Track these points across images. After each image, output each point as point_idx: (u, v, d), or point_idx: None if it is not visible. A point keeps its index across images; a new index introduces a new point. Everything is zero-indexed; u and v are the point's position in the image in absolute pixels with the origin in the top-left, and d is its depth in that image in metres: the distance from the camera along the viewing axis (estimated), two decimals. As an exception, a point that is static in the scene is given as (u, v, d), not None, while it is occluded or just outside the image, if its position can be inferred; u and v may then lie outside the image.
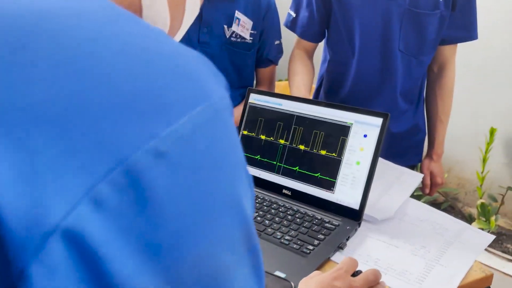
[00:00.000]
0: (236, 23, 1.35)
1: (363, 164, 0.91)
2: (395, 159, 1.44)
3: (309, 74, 1.37)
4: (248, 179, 0.30)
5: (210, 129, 0.25)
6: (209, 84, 0.27)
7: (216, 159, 0.26)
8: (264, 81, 1.54)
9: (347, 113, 0.95)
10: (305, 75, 1.35)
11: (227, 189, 0.27)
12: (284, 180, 1.01)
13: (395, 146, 1.43)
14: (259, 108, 1.08)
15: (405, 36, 1.27)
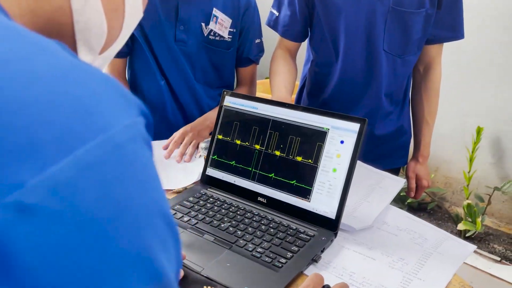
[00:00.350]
0: (214, 21, 1.30)
1: (340, 172, 0.87)
2: (380, 162, 1.40)
3: (291, 74, 1.33)
4: (169, 226, 0.25)
5: (104, 170, 0.21)
6: (107, 113, 0.22)
7: (111, 207, 0.21)
8: (245, 81, 1.50)
9: (323, 118, 0.91)
10: (286, 75, 1.31)
11: (128, 243, 0.22)
12: (260, 187, 0.97)
13: (380, 149, 1.39)
14: (234, 111, 1.04)
15: (389, 36, 1.23)
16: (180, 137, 1.25)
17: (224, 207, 0.95)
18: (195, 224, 0.90)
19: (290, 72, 1.35)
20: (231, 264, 0.78)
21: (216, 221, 0.90)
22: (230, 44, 1.37)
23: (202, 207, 0.96)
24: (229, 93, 1.05)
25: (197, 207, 0.95)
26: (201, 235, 0.86)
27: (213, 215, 0.93)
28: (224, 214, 0.93)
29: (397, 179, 1.10)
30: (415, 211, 2.46)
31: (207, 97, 1.42)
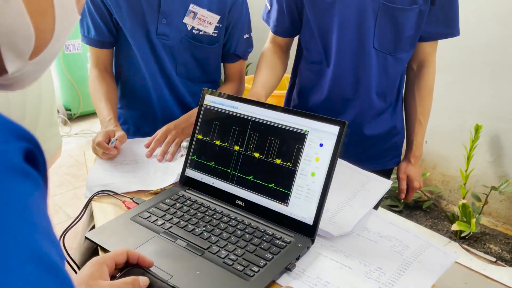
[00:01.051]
0: (191, 16, 1.26)
1: (318, 176, 0.84)
2: (372, 163, 1.36)
3: (273, 71, 1.30)
4: (48, 270, 0.22)
5: None
6: None
7: None
8: (232, 77, 1.46)
9: (303, 120, 0.87)
10: (269, 74, 1.28)
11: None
12: (238, 190, 0.94)
13: (372, 149, 1.36)
14: (214, 110, 1.00)
15: (380, 33, 1.19)
16: (162, 135, 1.22)
17: (201, 211, 0.93)
18: (169, 228, 0.87)
19: (274, 69, 1.31)
20: (201, 272, 0.75)
21: (191, 225, 0.87)
22: (215, 40, 1.34)
23: (178, 210, 0.93)
24: (209, 91, 1.02)
25: (172, 210, 0.92)
26: (174, 240, 0.83)
27: (188, 218, 0.90)
28: (199, 218, 0.90)
29: (384, 181, 1.07)
30: (411, 210, 2.42)
31: (189, 93, 1.39)
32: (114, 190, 1.01)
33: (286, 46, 1.38)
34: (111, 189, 1.01)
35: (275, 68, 1.32)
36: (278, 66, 1.33)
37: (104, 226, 0.88)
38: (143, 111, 1.39)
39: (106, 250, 0.81)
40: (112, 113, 1.24)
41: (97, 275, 0.66)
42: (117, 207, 0.98)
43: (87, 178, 1.05)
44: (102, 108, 1.25)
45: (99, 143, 1.10)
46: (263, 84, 1.25)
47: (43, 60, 0.42)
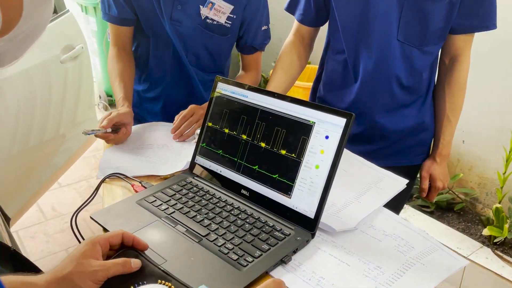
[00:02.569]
0: (209, 7, 1.25)
1: (322, 169, 0.82)
2: (397, 158, 1.32)
3: (288, 73, 1.32)
4: None
5: None
6: None
7: None
8: (249, 67, 1.45)
9: (310, 111, 0.85)
10: (282, 77, 1.30)
11: None
12: (244, 180, 0.93)
13: (397, 144, 1.31)
14: (225, 99, 0.99)
15: (405, 25, 1.14)
16: (189, 113, 1.22)
17: (205, 198, 0.92)
18: (171, 213, 0.87)
19: (289, 70, 1.33)
20: (196, 258, 0.75)
21: (193, 212, 0.87)
22: (228, 31, 1.32)
23: (183, 196, 0.93)
24: (222, 79, 1.01)
25: (178, 196, 0.93)
26: (174, 226, 0.83)
27: (191, 205, 0.90)
28: (203, 205, 0.90)
29: (398, 180, 1.03)
30: (443, 211, 2.33)
31: (200, 82, 1.39)
32: (126, 173, 1.02)
33: (310, 37, 1.36)
34: (122, 172, 1.02)
35: (291, 68, 1.33)
36: (294, 65, 1.33)
37: (109, 208, 0.89)
38: (160, 92, 1.41)
39: (108, 231, 0.82)
40: (123, 92, 1.25)
41: (89, 254, 0.67)
42: (126, 190, 0.99)
43: (100, 160, 1.08)
44: (115, 88, 1.27)
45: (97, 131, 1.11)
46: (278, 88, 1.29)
47: (17, 38, 0.42)
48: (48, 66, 1.97)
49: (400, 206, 1.45)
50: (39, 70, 1.99)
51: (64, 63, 2.02)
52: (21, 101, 1.96)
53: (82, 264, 0.65)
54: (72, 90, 2.19)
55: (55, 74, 2.06)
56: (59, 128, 2.09)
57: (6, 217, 1.55)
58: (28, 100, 2.01)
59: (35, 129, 2.08)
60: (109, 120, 1.12)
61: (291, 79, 1.35)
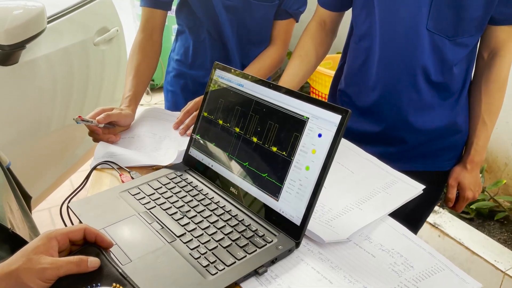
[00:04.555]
0: None
1: (312, 171, 0.72)
2: (424, 161, 1.19)
3: (305, 62, 1.23)
4: None
5: None
6: None
7: None
8: (277, 37, 1.37)
9: (305, 105, 0.75)
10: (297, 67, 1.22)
11: None
12: (233, 176, 0.85)
13: (425, 146, 1.17)
14: (222, 87, 0.92)
15: (436, 13, 1.00)
16: (193, 107, 1.16)
17: (191, 194, 0.86)
18: (151, 208, 0.81)
19: (305, 59, 1.24)
20: (162, 261, 0.69)
21: (174, 209, 0.81)
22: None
23: (169, 190, 0.87)
24: (219, 65, 0.93)
25: (163, 190, 0.87)
26: (150, 222, 0.77)
27: (175, 201, 0.83)
28: (186, 202, 0.83)
29: (413, 185, 0.91)
30: (483, 219, 2.14)
31: (239, 57, 1.33)
32: (119, 162, 0.97)
33: (332, 23, 1.25)
34: (116, 161, 0.98)
35: (309, 55, 1.24)
36: (313, 53, 1.23)
37: (90, 198, 0.85)
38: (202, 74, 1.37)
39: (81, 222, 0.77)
40: (133, 91, 1.18)
41: (42, 249, 0.62)
42: (115, 179, 0.94)
43: (96, 148, 1.03)
44: (127, 83, 1.21)
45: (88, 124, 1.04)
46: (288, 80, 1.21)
47: None
48: (85, 46, 1.98)
49: (420, 222, 1.31)
50: (76, 50, 2.01)
51: (97, 46, 2.03)
52: (58, 79, 1.98)
53: (31, 260, 0.60)
54: (110, 72, 2.20)
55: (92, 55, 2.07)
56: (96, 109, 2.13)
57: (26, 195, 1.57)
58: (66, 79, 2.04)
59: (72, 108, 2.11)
60: (107, 116, 1.04)
61: (309, 67, 1.25)
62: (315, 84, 2.79)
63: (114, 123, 1.08)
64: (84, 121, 1.01)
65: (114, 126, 1.09)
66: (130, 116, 1.13)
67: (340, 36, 1.28)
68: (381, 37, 1.07)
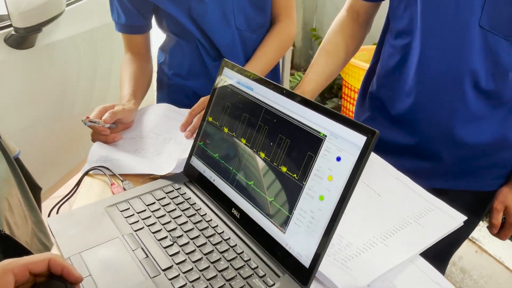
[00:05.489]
0: None
1: (328, 202, 0.58)
2: (466, 179, 1.02)
3: (333, 59, 1.08)
4: None
5: None
6: None
7: None
8: (279, 14, 1.20)
9: (322, 119, 0.61)
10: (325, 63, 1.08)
11: None
12: (236, 197, 0.73)
13: (468, 162, 1.00)
14: (229, 89, 0.78)
15: (492, 7, 0.83)
16: (199, 107, 1.04)
17: (187, 214, 0.74)
18: (138, 230, 0.70)
19: (334, 54, 1.08)
20: (139, 303, 0.57)
21: (165, 232, 0.69)
22: None
23: (163, 206, 0.75)
24: (228, 63, 0.80)
25: (155, 206, 0.75)
26: (134, 249, 0.66)
27: (166, 222, 0.71)
28: (180, 224, 0.71)
29: (453, 215, 0.76)
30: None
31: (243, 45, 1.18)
32: (113, 168, 0.86)
33: (366, 14, 1.09)
34: (110, 167, 0.87)
35: (338, 50, 1.08)
36: (343, 47, 1.07)
37: (72, 212, 0.74)
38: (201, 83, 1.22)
39: (56, 244, 0.67)
40: (132, 89, 1.07)
41: None
42: (107, 188, 0.83)
43: (91, 149, 0.93)
44: (123, 87, 1.10)
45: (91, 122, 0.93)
46: (313, 78, 1.06)
47: None
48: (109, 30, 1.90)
49: (449, 255, 1.15)
50: (99, 33, 1.95)
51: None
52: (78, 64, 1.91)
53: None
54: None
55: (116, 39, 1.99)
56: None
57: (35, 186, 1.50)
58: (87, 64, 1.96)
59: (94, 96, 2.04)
60: (112, 114, 0.94)
61: (338, 64, 1.10)
62: (347, 77, 2.61)
63: (117, 121, 0.98)
64: (92, 122, 0.91)
65: (117, 124, 0.99)
66: (133, 111, 1.02)
67: (376, 24, 1.12)
68: (423, 33, 0.91)
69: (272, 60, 1.17)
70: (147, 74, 1.17)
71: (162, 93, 1.27)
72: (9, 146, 1.40)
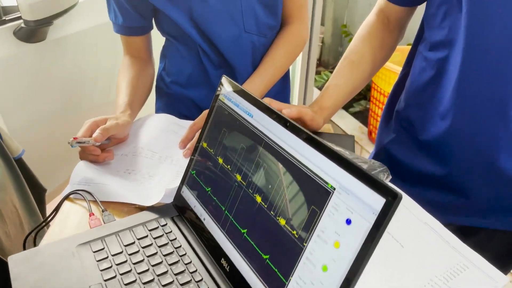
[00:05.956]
0: None
1: (332, 275, 0.46)
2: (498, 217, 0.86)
3: (364, 65, 0.93)
4: None
5: None
6: None
7: None
8: (291, 16, 1.07)
9: (333, 166, 0.48)
10: (356, 66, 0.94)
11: None
12: (227, 244, 0.61)
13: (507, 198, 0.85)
14: (227, 112, 0.66)
15: None
16: (199, 121, 0.92)
17: (169, 261, 0.62)
18: (108, 280, 0.59)
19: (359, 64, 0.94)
20: None
21: (138, 285, 0.58)
22: None
23: (142, 248, 0.64)
24: (227, 81, 0.68)
25: (134, 249, 0.64)
26: (98, 306, 0.55)
27: (143, 270, 0.60)
28: (159, 274, 0.60)
29: (493, 275, 0.62)
30: None
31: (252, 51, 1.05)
32: (96, 193, 0.76)
33: (398, 20, 0.94)
34: (92, 192, 0.76)
35: (362, 64, 0.95)
36: (366, 61, 0.94)
37: (36, 252, 0.64)
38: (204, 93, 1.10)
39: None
40: (128, 98, 0.96)
41: None
42: (85, 218, 0.73)
43: (74, 169, 0.82)
44: (120, 94, 0.99)
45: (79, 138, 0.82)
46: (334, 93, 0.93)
47: None
48: None
49: None
50: None
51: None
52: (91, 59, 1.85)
53: None
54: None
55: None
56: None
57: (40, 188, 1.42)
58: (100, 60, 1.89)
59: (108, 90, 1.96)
60: (104, 131, 0.83)
61: (363, 77, 0.96)
62: (377, 79, 2.45)
63: (110, 136, 0.87)
64: (80, 142, 0.81)
65: (110, 140, 0.88)
66: (128, 124, 0.91)
67: (413, 22, 0.97)
68: (467, 47, 0.75)
69: (281, 68, 1.04)
70: (147, 80, 1.06)
71: (161, 102, 1.16)
72: (12, 146, 1.32)
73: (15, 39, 1.60)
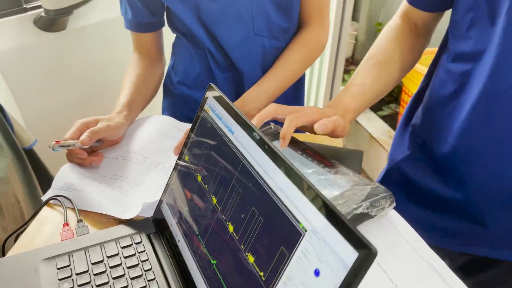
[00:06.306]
0: None
1: (295, 334, 0.39)
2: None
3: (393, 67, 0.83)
4: None
5: None
6: None
7: None
8: (310, 19, 0.99)
9: (306, 203, 0.41)
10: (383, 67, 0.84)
11: None
12: (196, 274, 0.55)
13: None
14: (210, 125, 0.60)
15: None
16: None
17: (136, 285, 0.57)
18: (66, 303, 0.54)
19: (387, 65, 0.83)
20: None
21: (97, 311, 0.53)
22: None
23: (110, 269, 0.59)
24: (213, 90, 0.61)
25: (100, 268, 0.59)
26: (48, 334, 0.50)
27: (105, 294, 0.55)
28: (120, 300, 0.54)
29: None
30: None
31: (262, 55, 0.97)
32: (75, 200, 0.72)
33: (425, 26, 0.85)
34: (72, 198, 0.72)
35: (390, 65, 0.84)
36: (395, 61, 0.84)
37: (1, 262, 0.60)
38: None
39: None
40: (127, 98, 0.91)
41: None
42: (59, 227, 0.68)
43: (59, 171, 0.78)
44: (120, 93, 0.94)
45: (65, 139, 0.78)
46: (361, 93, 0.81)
47: None
48: None
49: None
50: None
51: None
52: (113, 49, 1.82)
53: None
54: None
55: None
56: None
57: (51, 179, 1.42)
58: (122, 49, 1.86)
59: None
60: (92, 133, 0.79)
61: (391, 80, 0.85)
62: (408, 82, 2.32)
63: (102, 138, 0.83)
64: (64, 146, 0.76)
65: (102, 142, 0.84)
66: (122, 127, 0.86)
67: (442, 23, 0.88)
68: (499, 61, 0.65)
69: (294, 73, 0.96)
70: (153, 80, 1.01)
71: (167, 102, 1.11)
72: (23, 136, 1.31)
73: (35, 28, 1.59)
